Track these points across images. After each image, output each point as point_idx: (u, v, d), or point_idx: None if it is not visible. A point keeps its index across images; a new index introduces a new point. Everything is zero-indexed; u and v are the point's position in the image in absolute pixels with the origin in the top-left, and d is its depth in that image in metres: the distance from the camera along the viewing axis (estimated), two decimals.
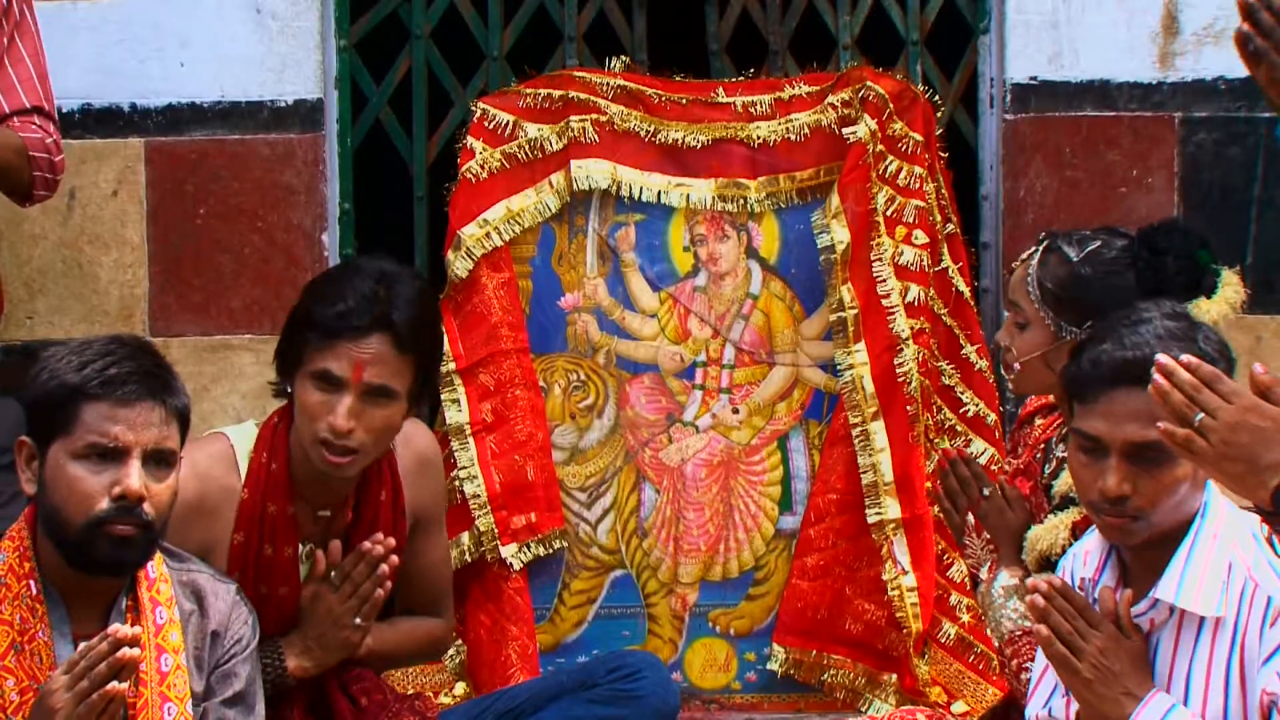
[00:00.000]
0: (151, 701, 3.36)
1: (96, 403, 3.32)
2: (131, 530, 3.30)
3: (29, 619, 3.34)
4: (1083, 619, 3.35)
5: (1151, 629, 3.38)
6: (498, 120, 4.83)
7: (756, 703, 4.92)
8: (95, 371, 3.34)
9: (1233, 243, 4.82)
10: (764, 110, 4.86)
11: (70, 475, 3.31)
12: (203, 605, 3.53)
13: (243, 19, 4.87)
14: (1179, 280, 3.89)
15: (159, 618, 3.43)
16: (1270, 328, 4.79)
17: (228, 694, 3.52)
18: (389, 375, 3.84)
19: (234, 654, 3.55)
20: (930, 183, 4.82)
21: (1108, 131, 4.88)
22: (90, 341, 3.44)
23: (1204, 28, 4.85)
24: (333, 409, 3.81)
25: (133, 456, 3.32)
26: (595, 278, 4.92)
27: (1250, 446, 2.72)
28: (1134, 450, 3.33)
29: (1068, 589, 3.38)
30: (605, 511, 4.93)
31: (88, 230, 4.88)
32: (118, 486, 3.29)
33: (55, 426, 3.34)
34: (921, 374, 4.78)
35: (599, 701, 4.17)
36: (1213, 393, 2.75)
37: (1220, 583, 3.32)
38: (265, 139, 4.89)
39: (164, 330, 4.87)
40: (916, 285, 4.78)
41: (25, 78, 4.24)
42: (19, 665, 3.31)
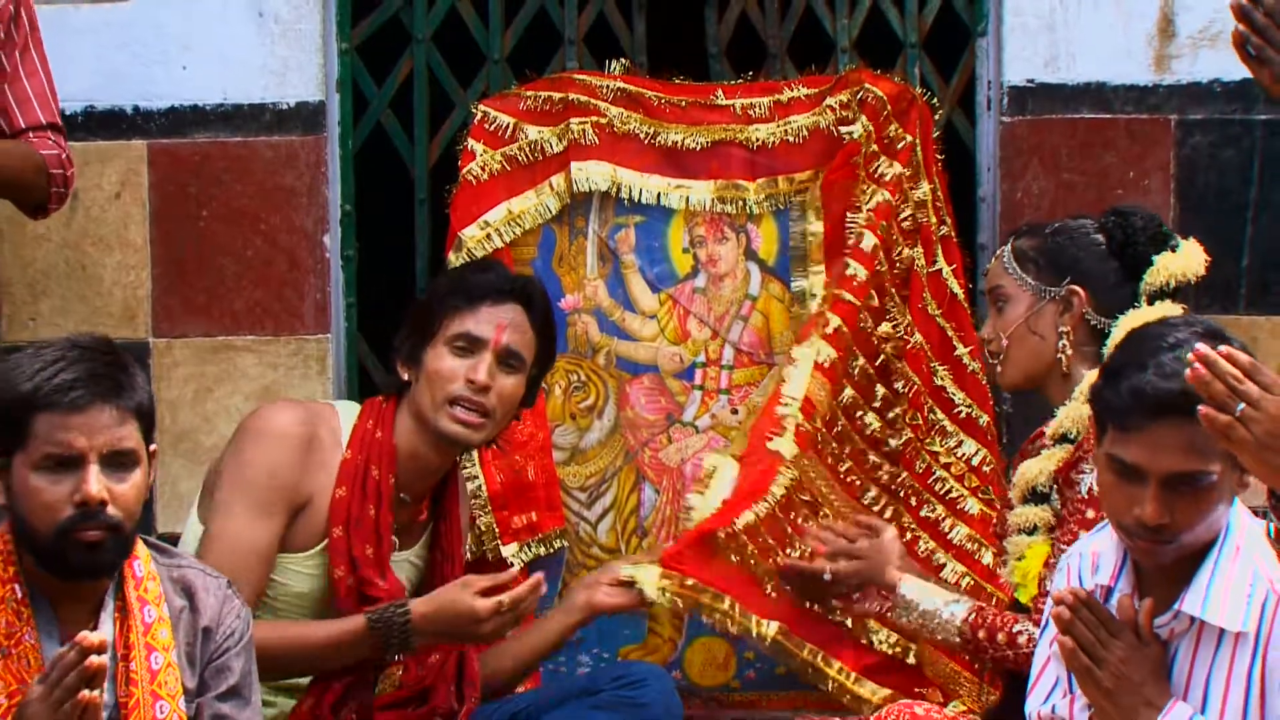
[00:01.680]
0: (144, 700, 3.35)
1: (48, 412, 3.30)
2: (99, 534, 3.29)
3: (14, 623, 3.34)
4: (1105, 629, 3.35)
5: (1170, 638, 3.38)
6: (498, 123, 4.81)
7: (755, 700, 4.90)
8: (44, 380, 3.32)
9: (1228, 245, 4.79)
10: (763, 113, 4.83)
11: (32, 487, 3.30)
12: (194, 601, 3.51)
13: (245, 22, 4.83)
14: (1144, 235, 4.00)
15: (147, 616, 3.42)
16: (1266, 328, 4.73)
17: (222, 688, 3.50)
18: (522, 344, 4.10)
19: (227, 648, 3.52)
20: (925, 184, 4.78)
21: (1104, 134, 4.84)
22: (46, 346, 3.42)
23: (1200, 31, 4.80)
24: (473, 368, 4.02)
25: (90, 462, 3.30)
26: (595, 279, 4.90)
27: None
28: (1173, 479, 3.30)
29: (1092, 600, 3.36)
30: (605, 511, 4.91)
31: (91, 232, 4.84)
32: (78, 494, 3.28)
33: (14, 439, 3.33)
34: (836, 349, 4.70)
35: (603, 708, 4.19)
36: (1254, 383, 2.71)
37: (1244, 597, 3.32)
38: (267, 141, 4.85)
39: (167, 331, 4.85)
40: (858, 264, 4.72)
41: (39, 92, 4.27)
42: (6, 669, 3.30)
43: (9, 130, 4.20)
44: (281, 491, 3.94)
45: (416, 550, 4.18)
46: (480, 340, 4.02)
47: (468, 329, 4.03)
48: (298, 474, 3.94)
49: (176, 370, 4.89)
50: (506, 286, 4.12)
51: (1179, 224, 4.73)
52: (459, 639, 3.99)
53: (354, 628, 3.89)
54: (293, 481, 3.94)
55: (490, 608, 3.85)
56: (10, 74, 4.20)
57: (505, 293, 4.09)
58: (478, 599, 3.86)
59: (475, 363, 4.01)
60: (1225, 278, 4.78)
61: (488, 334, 4.03)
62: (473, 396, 4.00)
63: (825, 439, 4.77)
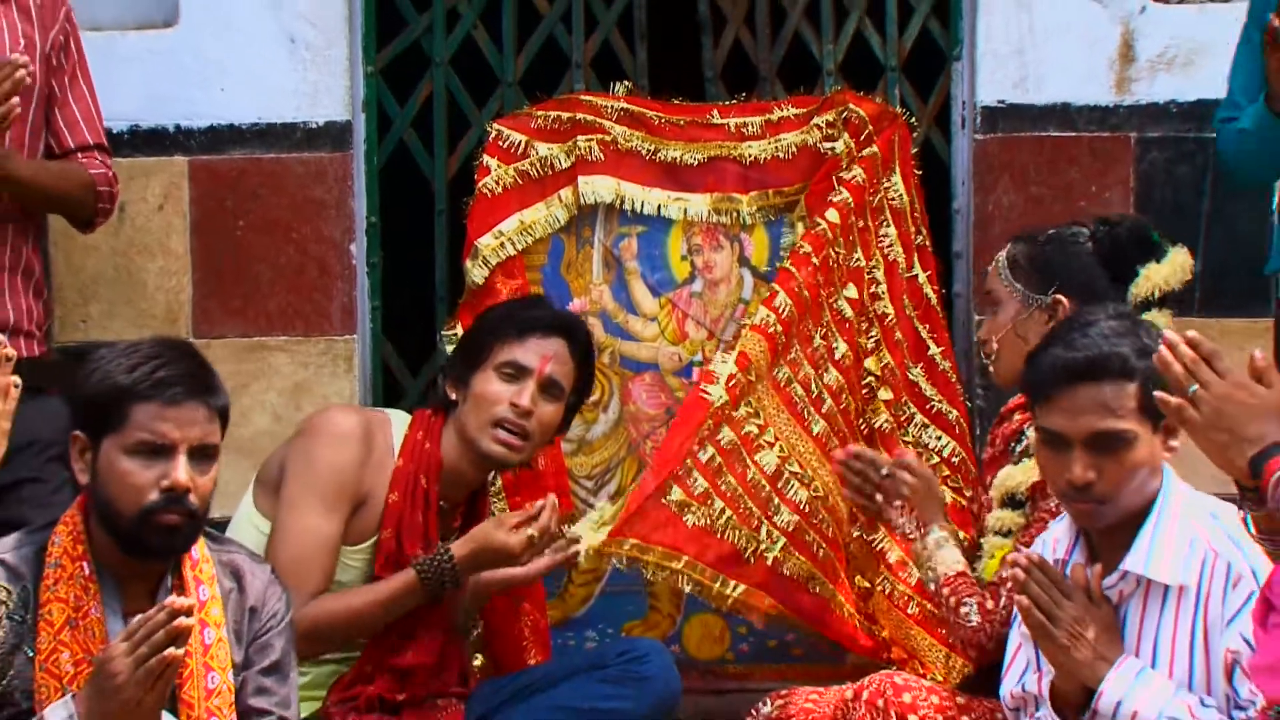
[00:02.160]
0: (196, 671, 3.37)
1: (146, 403, 3.33)
2: (178, 519, 3.33)
3: (82, 597, 3.35)
4: (1058, 589, 3.38)
5: (1120, 600, 3.43)
6: (511, 140, 4.83)
7: (748, 672, 4.92)
8: (144, 374, 3.35)
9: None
10: (755, 131, 4.85)
11: (122, 469, 3.33)
12: (241, 583, 3.53)
13: (278, 48, 4.86)
14: (1131, 246, 3.98)
15: (201, 595, 3.43)
16: (1216, 329, 4.58)
17: (265, 663, 3.52)
18: (563, 374, 4.13)
19: (270, 627, 3.55)
20: (905, 195, 4.79)
21: (1069, 151, 4.86)
22: (138, 344, 3.46)
23: (1157, 55, 4.83)
24: (518, 393, 4.06)
25: (180, 452, 3.33)
26: (600, 284, 4.92)
27: (1235, 418, 2.72)
28: (1093, 440, 3.39)
29: (1044, 563, 3.41)
30: (610, 498, 4.88)
31: (136, 241, 4.86)
32: (166, 480, 3.31)
33: (107, 424, 3.35)
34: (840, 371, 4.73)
35: (609, 681, 4.19)
36: (1209, 368, 2.76)
37: (1183, 555, 3.37)
38: (298, 158, 4.87)
39: (206, 332, 4.86)
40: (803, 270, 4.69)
41: (86, 115, 4.28)
42: (74, 639, 3.32)
43: (59, 150, 4.24)
44: (345, 489, 3.99)
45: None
46: (526, 369, 4.06)
47: (515, 357, 4.07)
48: (359, 473, 3.98)
49: (215, 368, 4.76)
50: (553, 322, 4.18)
51: None
52: (502, 567, 4.04)
53: (408, 580, 3.94)
54: (355, 480, 3.99)
55: (523, 542, 3.93)
56: (60, 99, 4.24)
57: (552, 327, 4.14)
58: (511, 535, 3.93)
59: (520, 389, 4.05)
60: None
61: (533, 363, 4.07)
62: (515, 419, 4.04)
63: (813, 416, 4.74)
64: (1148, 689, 3.33)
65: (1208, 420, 2.75)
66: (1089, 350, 3.42)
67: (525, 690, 4.23)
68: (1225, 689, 3.32)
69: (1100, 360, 3.40)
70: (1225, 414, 2.73)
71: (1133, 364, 3.39)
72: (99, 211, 4.29)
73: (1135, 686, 3.33)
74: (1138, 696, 3.32)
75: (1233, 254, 4.60)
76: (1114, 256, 3.96)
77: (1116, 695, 3.33)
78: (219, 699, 3.39)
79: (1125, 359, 3.40)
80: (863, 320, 4.77)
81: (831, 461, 4.27)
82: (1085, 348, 3.44)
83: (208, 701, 3.37)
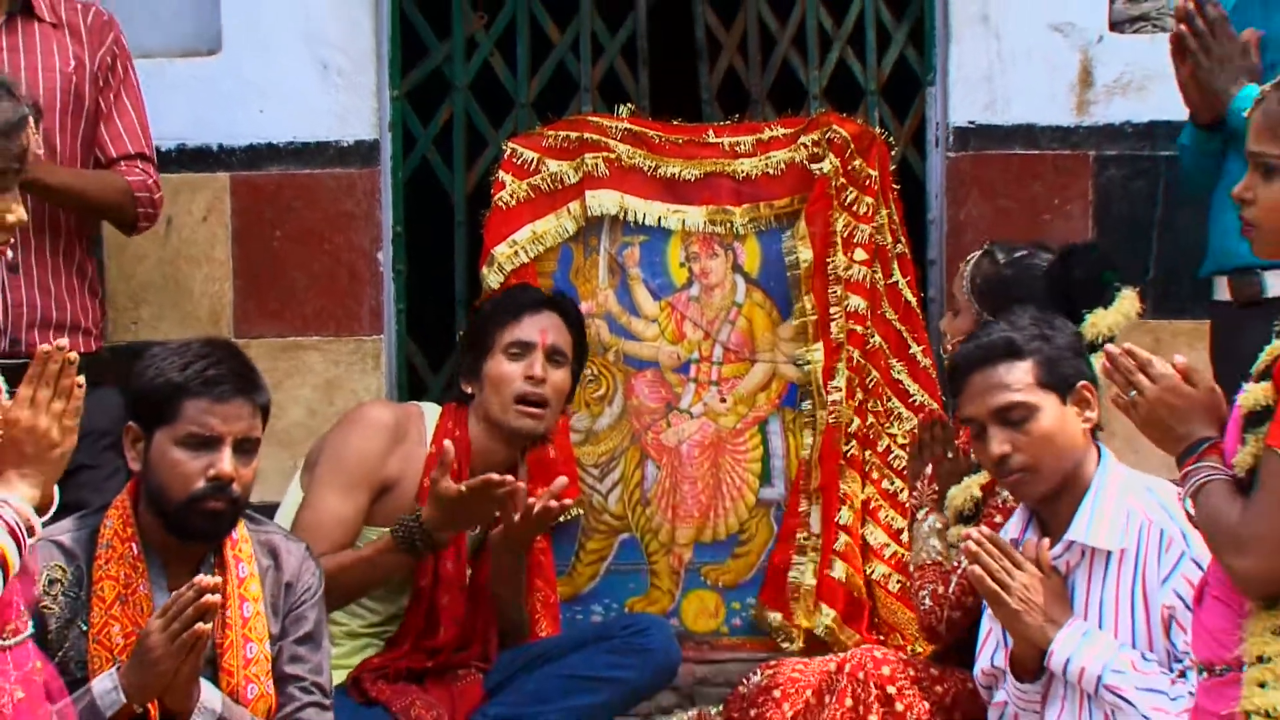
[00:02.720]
0: (236, 641, 3.42)
1: (197, 399, 3.37)
2: (222, 505, 3.38)
3: (131, 575, 3.40)
4: (1009, 561, 3.44)
5: (1068, 570, 3.50)
6: (524, 158, 4.84)
7: (741, 644, 4.91)
8: (196, 372, 3.39)
9: (1138, 260, 4.81)
10: (747, 149, 4.86)
11: (172, 459, 3.37)
12: (278, 561, 3.57)
13: (312, 74, 4.87)
14: (1081, 293, 3.97)
15: (241, 572, 3.48)
16: (1168, 330, 4.72)
17: (299, 634, 3.56)
18: (564, 342, 4.22)
19: (304, 600, 3.58)
20: (883, 210, 4.81)
21: (1033, 167, 4.87)
22: (189, 344, 3.51)
23: (1114, 80, 4.83)
24: (529, 366, 4.14)
25: (225, 444, 3.38)
26: (606, 289, 4.92)
27: (1167, 419, 2.78)
28: (998, 416, 3.50)
29: (995, 537, 3.48)
30: (614, 484, 4.93)
31: (183, 250, 4.87)
32: (213, 469, 3.36)
33: (160, 417, 3.39)
34: (851, 371, 4.77)
35: (614, 651, 4.23)
36: (1144, 375, 2.81)
37: (1120, 524, 3.46)
38: (330, 173, 4.88)
39: (246, 333, 4.86)
40: (857, 296, 4.77)
41: (130, 127, 4.28)
42: (124, 614, 3.36)
43: (104, 160, 4.25)
44: (368, 474, 4.04)
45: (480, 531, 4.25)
46: (530, 344, 4.15)
47: (518, 336, 4.15)
48: (382, 460, 4.04)
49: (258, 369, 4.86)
50: (542, 299, 4.29)
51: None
52: (470, 525, 4.05)
53: (385, 540, 3.98)
54: (378, 466, 4.04)
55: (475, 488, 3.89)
56: (106, 114, 4.25)
57: (542, 304, 4.24)
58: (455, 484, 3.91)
59: (529, 362, 4.14)
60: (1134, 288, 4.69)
61: (535, 338, 4.15)
62: (533, 390, 4.12)
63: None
64: (1094, 647, 3.39)
65: (1145, 421, 2.82)
66: (979, 340, 3.58)
67: (537, 660, 4.26)
68: (1164, 643, 3.40)
69: (989, 347, 3.52)
70: (1158, 416, 2.79)
71: (1020, 344, 3.50)
72: (139, 216, 4.29)
73: (1082, 645, 3.39)
74: (1085, 654, 3.38)
75: (1182, 261, 4.59)
76: (1065, 297, 3.96)
77: (1065, 654, 3.39)
78: (256, 667, 3.44)
79: (1012, 340, 3.51)
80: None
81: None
82: (977, 340, 3.59)
83: (246, 670, 3.42)
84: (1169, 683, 3.35)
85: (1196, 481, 2.71)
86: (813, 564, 4.77)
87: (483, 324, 4.26)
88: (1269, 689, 2.58)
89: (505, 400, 4.12)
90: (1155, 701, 3.34)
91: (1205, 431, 2.76)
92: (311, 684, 3.56)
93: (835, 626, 4.72)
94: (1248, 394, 2.66)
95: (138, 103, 4.34)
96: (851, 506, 4.78)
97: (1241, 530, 2.62)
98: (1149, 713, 3.33)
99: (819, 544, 4.78)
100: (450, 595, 4.12)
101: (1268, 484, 2.60)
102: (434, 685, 4.12)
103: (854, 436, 4.80)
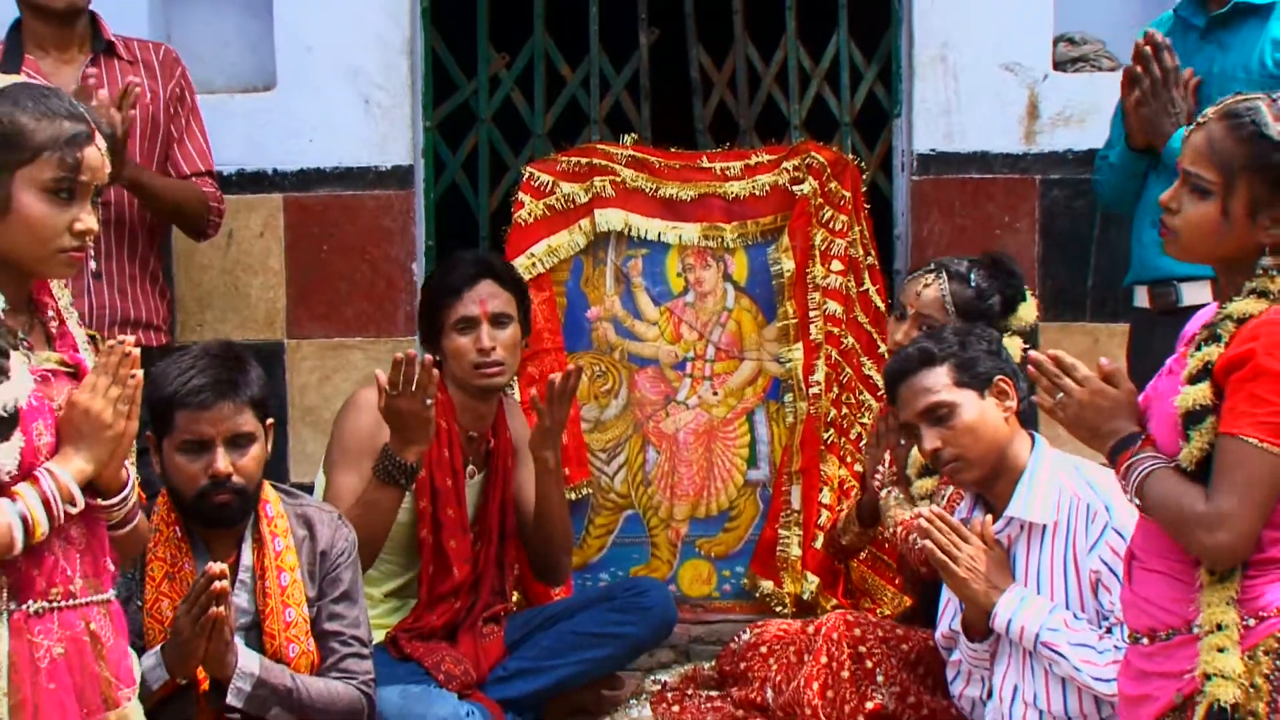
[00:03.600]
0: (275, 609, 3.45)
1: (184, 409, 3.36)
2: (228, 497, 3.38)
3: (177, 556, 3.43)
4: (957, 535, 3.48)
5: (1009, 542, 3.55)
6: (541, 181, 4.87)
7: (730, 607, 4.94)
8: (180, 385, 3.38)
9: (1078, 270, 4.89)
10: (736, 173, 4.88)
11: (176, 463, 3.39)
12: (312, 531, 3.59)
13: (354, 107, 4.88)
14: (1016, 297, 4.08)
15: (277, 545, 3.49)
16: (1105, 332, 4.78)
17: (335, 594, 3.57)
18: (503, 304, 4.14)
19: (339, 564, 3.60)
20: (856, 226, 4.85)
21: (987, 189, 4.88)
22: (184, 354, 3.49)
23: (1057, 114, 4.85)
24: (477, 338, 4.08)
25: (217, 445, 3.36)
26: (612, 296, 4.95)
27: (1093, 419, 2.75)
28: (925, 415, 3.55)
29: (945, 515, 3.52)
30: (620, 467, 4.96)
31: (241, 261, 4.90)
32: (210, 469, 3.35)
33: (163, 428, 3.41)
34: (828, 367, 4.80)
35: (618, 610, 4.28)
36: (1070, 379, 2.78)
37: (1052, 500, 3.50)
38: (370, 195, 4.87)
39: (297, 334, 4.88)
40: (834, 302, 4.81)
41: (198, 149, 4.37)
42: (172, 590, 3.39)
43: (177, 177, 4.30)
44: (365, 446, 3.98)
45: (482, 474, 4.24)
46: (473, 318, 4.11)
47: (461, 314, 4.11)
48: (376, 431, 3.93)
49: (304, 363, 4.91)
50: (474, 270, 4.18)
51: (1042, 257, 4.87)
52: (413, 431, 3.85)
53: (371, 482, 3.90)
54: (373, 435, 3.94)
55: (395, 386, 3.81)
56: (177, 138, 4.33)
57: (475, 275, 4.16)
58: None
59: (476, 335, 4.10)
60: (1076, 295, 4.90)
61: (475, 311, 4.11)
62: (485, 359, 4.09)
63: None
64: (1031, 608, 3.45)
65: (1071, 422, 2.81)
66: (900, 355, 3.65)
67: (551, 619, 4.32)
68: (1093, 603, 3.45)
69: (907, 359, 3.60)
70: (1084, 416, 2.77)
71: (933, 352, 3.56)
72: (209, 224, 4.36)
73: (1021, 607, 3.45)
74: (1024, 615, 3.44)
75: (1116, 272, 4.58)
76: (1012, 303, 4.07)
77: (1007, 615, 3.46)
78: (296, 629, 3.46)
79: (926, 350, 3.57)
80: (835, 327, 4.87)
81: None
82: (899, 355, 3.66)
83: (286, 632, 3.44)
84: (1097, 638, 3.39)
85: (1143, 470, 2.68)
86: (797, 538, 4.82)
87: (430, 307, 4.21)
88: (1227, 653, 2.57)
89: (466, 369, 4.10)
90: (1085, 655, 3.38)
91: (1131, 427, 2.75)
92: (350, 637, 3.57)
93: (817, 592, 4.80)
94: (1185, 395, 2.65)
95: (202, 128, 4.41)
96: (831, 487, 4.83)
97: (1212, 510, 2.59)
98: (1079, 664, 3.37)
99: (800, 519, 4.83)
100: (455, 538, 4.09)
101: (1230, 466, 2.59)
102: (463, 641, 4.12)
103: (831, 425, 4.84)
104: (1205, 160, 2.70)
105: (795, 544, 4.82)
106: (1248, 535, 2.60)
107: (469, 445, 4.18)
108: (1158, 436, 2.74)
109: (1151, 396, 2.81)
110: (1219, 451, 2.62)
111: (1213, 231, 2.70)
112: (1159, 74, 3.84)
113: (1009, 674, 3.52)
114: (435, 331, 4.18)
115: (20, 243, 2.50)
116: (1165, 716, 2.69)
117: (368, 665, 3.59)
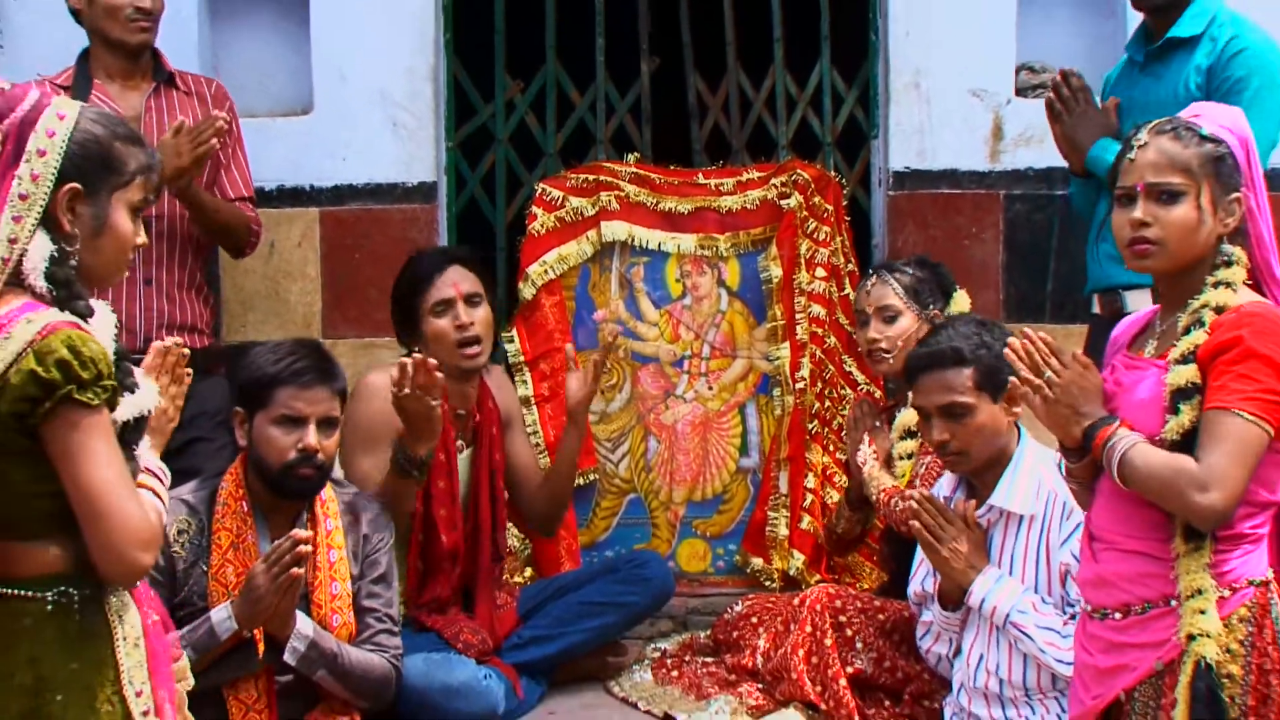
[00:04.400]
0: (324, 581, 3.54)
1: (286, 387, 3.47)
2: (311, 472, 3.49)
3: (242, 527, 3.51)
4: (942, 517, 3.52)
5: (989, 526, 3.58)
6: (552, 196, 4.89)
7: (724, 581, 4.93)
8: (285, 366, 3.49)
9: (1038, 277, 4.88)
10: (729, 189, 4.89)
11: (269, 435, 3.47)
12: (356, 517, 3.67)
13: (383, 130, 4.88)
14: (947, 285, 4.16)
15: (328, 525, 3.59)
16: (1062, 334, 4.23)
17: (374, 575, 3.66)
18: (473, 285, 4.12)
19: (378, 548, 3.68)
20: (838, 237, 4.86)
21: (956, 204, 4.88)
22: (281, 344, 3.62)
23: (1019, 135, 4.85)
24: (454, 317, 4.05)
25: (310, 423, 3.47)
26: (617, 299, 4.95)
27: (1077, 398, 2.69)
28: (942, 410, 3.57)
29: (931, 498, 3.57)
30: (624, 455, 4.95)
31: (282, 268, 4.89)
32: (301, 443, 3.45)
33: (259, 402, 3.51)
34: (813, 365, 4.80)
35: (620, 581, 4.32)
36: (1057, 360, 2.73)
37: (1032, 493, 3.53)
38: (398, 208, 4.87)
39: (332, 334, 4.86)
40: (818, 306, 4.82)
41: (243, 176, 4.41)
42: (236, 558, 3.48)
43: (222, 199, 4.32)
44: (380, 430, 3.91)
45: (471, 448, 4.18)
46: (448, 300, 4.07)
47: (437, 297, 4.08)
48: (388, 416, 3.84)
49: (339, 361, 4.72)
50: (442, 257, 4.19)
51: (1006, 264, 4.88)
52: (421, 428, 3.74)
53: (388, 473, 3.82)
54: (387, 420, 3.85)
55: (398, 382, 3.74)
56: (225, 163, 4.36)
57: (443, 262, 4.15)
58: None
59: (454, 314, 4.07)
60: (1037, 299, 4.89)
61: (450, 294, 4.07)
62: (464, 336, 4.06)
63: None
64: (1004, 589, 3.49)
65: (1058, 398, 2.74)
66: (933, 347, 3.61)
67: (560, 590, 4.36)
68: (1060, 592, 3.50)
69: (939, 354, 3.57)
70: (1070, 393, 2.72)
71: (966, 354, 3.53)
72: (248, 243, 4.42)
73: (995, 588, 3.50)
74: (997, 595, 3.49)
75: (1074, 278, 4.62)
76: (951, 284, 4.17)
77: (982, 594, 3.51)
78: (339, 601, 3.54)
79: (959, 350, 3.55)
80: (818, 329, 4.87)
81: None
82: (931, 345, 3.63)
83: (331, 604, 3.52)
84: (1062, 623, 3.43)
85: (1128, 442, 2.64)
86: (784, 519, 4.86)
87: (404, 298, 4.18)
88: (1208, 614, 2.56)
89: (449, 349, 4.06)
90: (1050, 638, 3.42)
91: (1103, 411, 2.72)
92: (384, 614, 3.65)
93: (803, 568, 4.83)
94: (1177, 373, 2.64)
95: (245, 156, 4.45)
96: (815, 472, 4.86)
97: (1204, 470, 2.56)
98: (1044, 646, 3.41)
99: (788, 502, 4.88)
100: (445, 507, 4.04)
101: (1221, 436, 2.57)
102: (480, 612, 4.14)
103: (815, 417, 4.87)
104: (1167, 168, 2.70)
105: (783, 525, 4.85)
106: (1235, 497, 2.59)
107: (457, 422, 4.16)
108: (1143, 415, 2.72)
109: (1114, 390, 2.80)
110: (1209, 424, 2.61)
111: (1194, 229, 2.69)
112: (1068, 93, 3.96)
113: (976, 643, 3.56)
114: (413, 322, 4.14)
115: (107, 259, 2.51)
116: (1143, 683, 2.68)
117: (397, 641, 3.68)
